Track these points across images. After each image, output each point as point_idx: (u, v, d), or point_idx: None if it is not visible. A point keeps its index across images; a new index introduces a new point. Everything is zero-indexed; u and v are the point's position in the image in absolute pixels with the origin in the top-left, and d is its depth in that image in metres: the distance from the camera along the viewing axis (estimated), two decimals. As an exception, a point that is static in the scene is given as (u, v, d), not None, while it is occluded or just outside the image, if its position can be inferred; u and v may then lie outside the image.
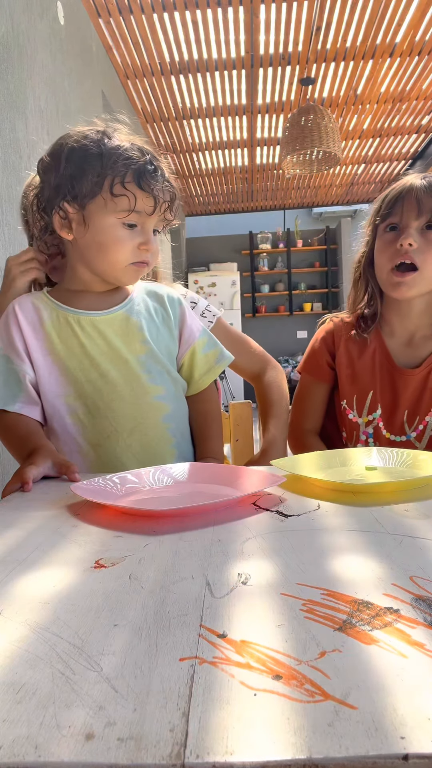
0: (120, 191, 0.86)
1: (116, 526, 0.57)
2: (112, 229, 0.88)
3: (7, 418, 0.91)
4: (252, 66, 3.80)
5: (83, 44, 2.97)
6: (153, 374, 0.96)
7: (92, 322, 0.94)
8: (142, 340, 0.96)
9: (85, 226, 0.89)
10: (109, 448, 0.93)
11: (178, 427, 1.00)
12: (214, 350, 1.04)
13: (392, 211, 1.09)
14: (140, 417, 0.94)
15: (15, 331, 0.93)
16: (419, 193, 1.06)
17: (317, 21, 3.30)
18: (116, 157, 0.86)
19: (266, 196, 7.07)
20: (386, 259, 1.09)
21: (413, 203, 1.06)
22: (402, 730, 0.26)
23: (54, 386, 0.93)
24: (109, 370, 0.93)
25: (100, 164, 0.85)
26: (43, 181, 0.91)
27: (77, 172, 0.86)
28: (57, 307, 0.95)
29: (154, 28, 3.32)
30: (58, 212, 0.89)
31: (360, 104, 4.49)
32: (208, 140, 5.10)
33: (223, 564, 0.46)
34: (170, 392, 0.98)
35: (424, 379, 1.11)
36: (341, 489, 0.69)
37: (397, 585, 0.41)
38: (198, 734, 0.26)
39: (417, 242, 1.05)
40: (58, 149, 0.89)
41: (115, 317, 0.95)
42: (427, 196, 1.05)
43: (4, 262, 1.06)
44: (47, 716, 0.28)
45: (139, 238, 0.90)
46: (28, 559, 0.49)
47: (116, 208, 0.87)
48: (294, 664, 0.31)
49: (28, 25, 2.13)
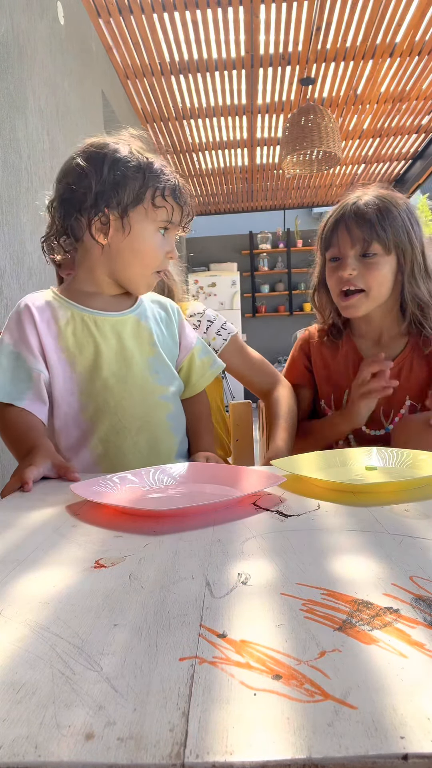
0: (161, 203, 0.94)
1: (116, 526, 0.57)
2: (152, 236, 0.96)
3: (11, 412, 0.91)
4: (252, 66, 3.80)
5: (83, 44, 2.97)
6: (160, 375, 1.00)
7: (108, 322, 0.97)
8: (152, 342, 1.00)
9: (123, 233, 0.94)
10: (118, 444, 0.95)
11: (179, 426, 1.04)
12: (208, 357, 1.11)
13: (331, 243, 1.17)
14: (147, 416, 0.97)
15: (30, 328, 0.94)
16: (349, 224, 1.13)
17: (317, 21, 3.30)
18: (158, 172, 0.94)
19: (266, 196, 7.07)
20: (334, 285, 1.18)
21: (346, 235, 1.14)
22: (402, 730, 0.26)
23: (67, 383, 0.94)
24: (120, 369, 0.96)
25: (143, 176, 0.93)
26: (75, 186, 0.93)
27: (121, 181, 0.92)
28: (72, 306, 0.97)
29: (154, 28, 3.32)
30: (100, 217, 0.93)
31: (360, 104, 4.49)
32: (208, 140, 5.10)
33: (223, 564, 0.46)
34: (173, 392, 1.03)
35: (397, 375, 1.17)
36: (341, 489, 0.69)
37: (397, 585, 0.41)
38: (198, 734, 0.26)
39: (357, 269, 1.13)
40: (96, 156, 0.93)
41: (128, 319, 1.00)
42: (356, 226, 1.12)
43: (5, 262, 1.06)
44: (47, 716, 0.28)
45: (167, 247, 0.98)
46: (28, 559, 0.49)
47: (156, 217, 0.95)
48: (294, 664, 0.31)
49: (28, 25, 2.13)
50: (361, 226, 1.11)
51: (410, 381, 1.18)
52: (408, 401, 1.18)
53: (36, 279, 2.07)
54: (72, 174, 0.94)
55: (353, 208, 1.13)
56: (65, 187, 0.95)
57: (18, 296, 1.90)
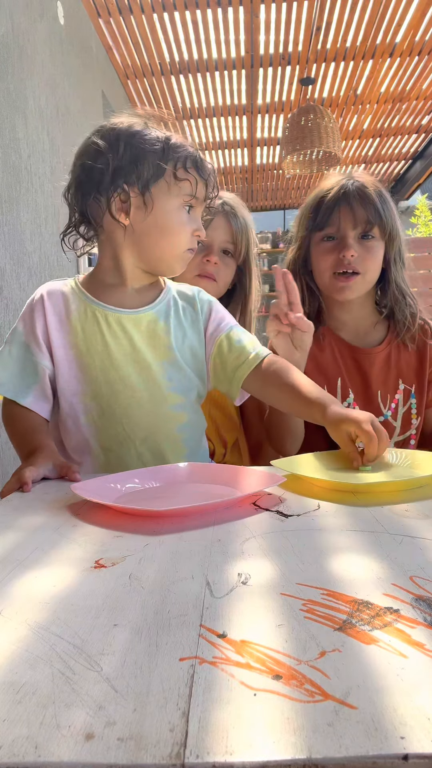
0: (183, 175, 0.88)
1: (116, 526, 0.57)
2: (177, 212, 0.89)
3: (16, 410, 0.89)
4: (252, 66, 3.80)
5: (83, 44, 2.97)
6: (174, 382, 0.92)
7: (119, 319, 0.91)
8: (168, 345, 0.92)
9: (146, 210, 0.88)
10: (120, 453, 0.91)
11: (193, 437, 0.97)
12: (247, 344, 0.95)
13: (328, 221, 1.13)
14: (155, 426, 0.91)
15: (39, 320, 0.91)
16: (353, 204, 1.10)
17: (317, 21, 3.30)
18: (176, 145, 0.88)
19: (266, 196, 7.07)
20: (328, 266, 1.14)
21: (348, 215, 1.10)
22: (402, 730, 0.26)
23: (72, 383, 0.90)
24: (129, 374, 0.90)
25: (161, 149, 0.87)
26: (90, 166, 0.87)
27: (140, 154, 0.86)
28: (86, 300, 0.92)
29: (154, 28, 3.32)
30: (119, 195, 0.87)
31: (360, 104, 4.49)
32: (208, 140, 5.09)
33: (223, 564, 0.46)
34: (189, 401, 0.95)
35: (387, 357, 1.18)
36: (341, 489, 0.69)
37: (397, 585, 0.41)
38: (198, 734, 0.26)
39: (357, 251, 1.11)
40: (111, 134, 0.88)
41: (144, 317, 0.92)
42: (360, 207, 1.10)
43: (5, 262, 1.06)
44: (47, 716, 0.28)
45: (193, 224, 0.91)
46: (28, 559, 0.49)
47: (180, 192, 0.89)
48: (294, 664, 0.31)
49: (28, 25, 2.13)
50: (366, 206, 1.09)
51: (400, 364, 1.19)
52: (402, 385, 1.18)
53: (36, 279, 2.07)
54: (88, 153, 0.88)
55: (355, 187, 1.11)
56: (81, 167, 0.89)
57: (18, 296, 1.90)
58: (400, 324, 1.19)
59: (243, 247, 1.24)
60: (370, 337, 1.21)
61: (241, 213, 1.24)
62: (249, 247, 1.26)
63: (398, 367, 1.19)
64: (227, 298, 1.29)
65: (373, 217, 1.09)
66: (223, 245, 1.22)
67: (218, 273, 1.22)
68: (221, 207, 1.20)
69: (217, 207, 1.18)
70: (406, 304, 1.19)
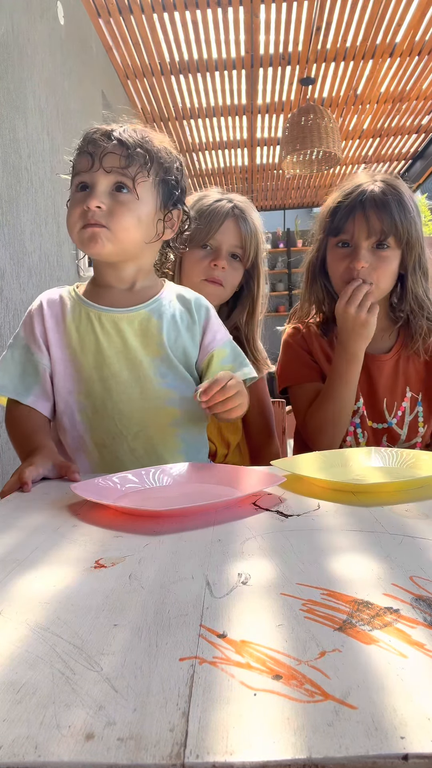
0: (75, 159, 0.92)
1: (116, 526, 0.57)
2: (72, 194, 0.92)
3: (17, 409, 0.91)
4: (252, 66, 3.80)
5: (83, 44, 2.97)
6: (167, 378, 0.94)
7: (112, 319, 0.94)
8: (159, 343, 0.94)
9: None
10: (114, 449, 0.93)
11: (189, 432, 0.97)
12: (233, 365, 0.98)
13: (343, 227, 1.10)
14: (147, 421, 0.93)
15: (38, 323, 0.95)
16: (368, 213, 1.07)
17: (317, 21, 3.30)
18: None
19: (266, 196, 7.07)
20: (340, 272, 1.12)
21: (363, 224, 1.08)
22: (402, 730, 0.26)
23: (67, 382, 0.93)
24: (121, 370, 0.92)
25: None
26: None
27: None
28: (81, 303, 0.96)
29: (154, 28, 3.32)
30: None
31: (360, 104, 4.49)
32: (208, 140, 5.09)
33: (223, 564, 0.46)
34: (183, 397, 0.95)
35: (395, 365, 1.17)
36: (341, 489, 0.69)
37: (397, 585, 0.41)
38: (198, 734, 0.26)
39: (369, 261, 1.08)
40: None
41: (137, 316, 0.94)
42: (375, 216, 1.07)
43: (5, 262, 1.06)
44: (47, 716, 0.28)
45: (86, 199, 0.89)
46: (28, 559, 0.49)
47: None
48: (294, 664, 0.31)
49: (28, 25, 2.13)
50: (381, 216, 1.06)
51: (408, 372, 1.18)
52: (409, 392, 1.18)
53: (36, 279, 2.07)
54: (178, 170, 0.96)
55: (372, 195, 1.07)
56: None
57: (18, 296, 1.90)
58: (413, 334, 1.16)
59: (252, 251, 1.23)
60: (380, 344, 1.19)
61: (251, 216, 1.23)
62: (258, 251, 1.25)
63: (406, 375, 1.18)
64: (233, 301, 1.29)
65: (388, 227, 1.06)
66: (231, 249, 1.21)
67: (225, 278, 1.21)
68: (231, 210, 1.20)
69: (227, 210, 1.19)
70: (423, 316, 1.15)
